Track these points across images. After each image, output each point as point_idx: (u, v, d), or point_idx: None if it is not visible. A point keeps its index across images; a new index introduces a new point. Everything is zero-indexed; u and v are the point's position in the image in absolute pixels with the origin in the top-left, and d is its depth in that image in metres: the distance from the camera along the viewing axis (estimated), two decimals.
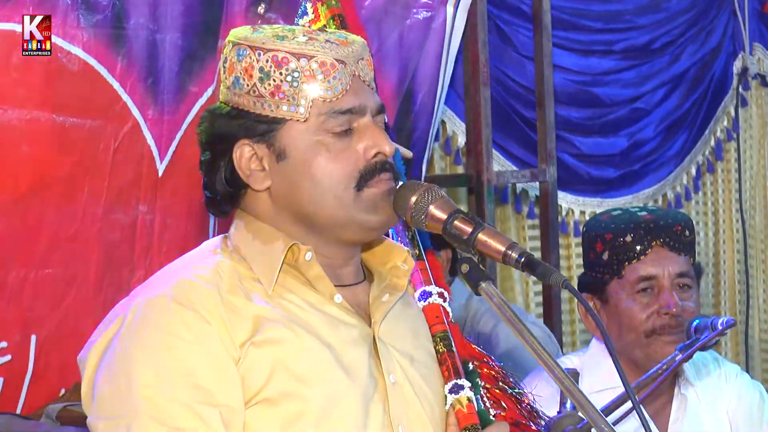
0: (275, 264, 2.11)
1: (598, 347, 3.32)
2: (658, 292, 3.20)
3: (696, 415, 3.30)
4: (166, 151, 3.52)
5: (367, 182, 2.11)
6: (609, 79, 5.23)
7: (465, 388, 2.31)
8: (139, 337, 2.05)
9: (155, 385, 2.01)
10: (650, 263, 3.20)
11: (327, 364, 2.09)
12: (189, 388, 2.01)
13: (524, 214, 5.07)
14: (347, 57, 2.12)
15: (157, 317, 2.05)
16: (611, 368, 3.21)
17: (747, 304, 5.77)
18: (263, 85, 2.10)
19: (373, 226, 2.15)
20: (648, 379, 2.93)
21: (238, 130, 2.12)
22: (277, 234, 2.13)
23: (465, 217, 2.11)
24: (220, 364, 2.03)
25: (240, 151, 2.13)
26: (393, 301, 2.22)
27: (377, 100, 2.16)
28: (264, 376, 2.04)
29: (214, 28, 3.56)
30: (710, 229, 5.73)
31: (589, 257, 3.28)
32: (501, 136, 4.77)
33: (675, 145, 5.47)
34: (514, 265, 2.05)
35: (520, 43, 4.85)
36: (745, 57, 5.65)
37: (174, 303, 2.04)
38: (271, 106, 2.11)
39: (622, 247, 3.20)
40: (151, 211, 3.50)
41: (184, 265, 2.15)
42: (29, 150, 3.24)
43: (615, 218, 3.28)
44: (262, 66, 2.11)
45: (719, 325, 2.91)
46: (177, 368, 2.01)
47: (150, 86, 3.45)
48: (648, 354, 3.17)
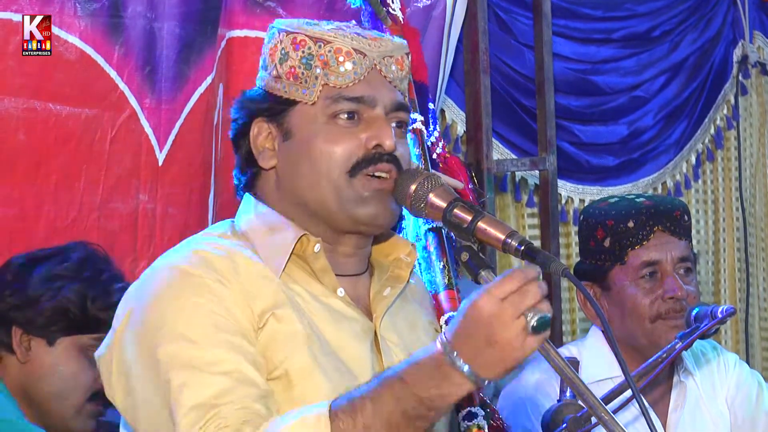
0: (284, 254, 2.13)
1: (597, 336, 3.33)
2: (662, 277, 3.22)
3: (695, 403, 3.31)
4: (165, 140, 3.51)
5: (362, 170, 2.12)
6: (608, 68, 5.22)
7: (479, 417, 2.34)
8: (159, 305, 2.06)
9: (185, 339, 2.01)
10: (653, 248, 3.22)
11: (331, 361, 2.10)
12: (221, 338, 2.01)
13: (524, 203, 5.07)
14: (370, 50, 2.14)
15: (178, 284, 2.06)
16: (610, 358, 3.23)
17: (747, 292, 5.78)
18: (282, 66, 2.16)
19: (361, 219, 2.15)
20: (648, 367, 2.93)
21: (257, 109, 2.18)
22: (287, 222, 2.15)
23: (464, 205, 2.12)
24: (241, 321, 2.04)
25: (258, 127, 2.19)
26: (394, 295, 2.23)
27: (395, 98, 2.17)
28: (278, 354, 2.06)
29: (212, 16, 3.56)
30: (710, 217, 5.72)
31: (588, 245, 3.29)
32: (500, 124, 4.77)
33: (675, 134, 5.47)
34: (514, 253, 2.05)
35: (519, 31, 4.85)
36: (745, 45, 5.64)
37: (192, 268, 2.07)
38: (286, 87, 2.15)
39: (624, 233, 3.21)
40: (152, 201, 3.50)
41: (194, 242, 2.17)
42: (26, 139, 3.25)
43: (614, 205, 3.28)
44: (284, 47, 2.16)
45: (719, 314, 2.92)
46: (205, 323, 2.02)
47: (147, 75, 3.45)
48: (652, 339, 3.19)
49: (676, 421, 3.26)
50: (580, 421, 2.59)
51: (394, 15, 2.92)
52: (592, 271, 3.28)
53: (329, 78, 2.13)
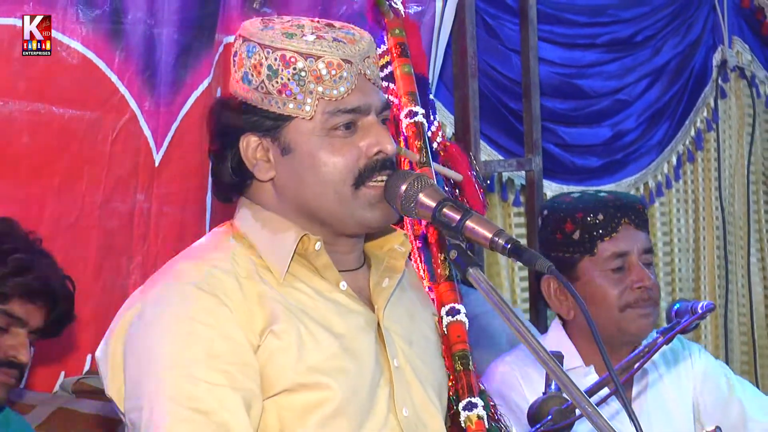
0: (287, 253, 2.16)
1: (558, 330, 3.38)
2: (629, 268, 3.28)
3: (658, 391, 3.37)
4: (162, 141, 3.54)
5: (365, 181, 2.16)
6: (593, 72, 5.25)
7: (478, 407, 2.39)
8: (159, 322, 2.07)
9: (177, 368, 2.03)
10: (621, 240, 3.27)
11: (338, 354, 2.12)
12: (211, 371, 2.03)
13: (510, 203, 5.09)
14: (354, 56, 2.16)
15: (177, 302, 2.07)
16: (573, 350, 3.31)
17: (726, 288, 5.80)
18: (271, 83, 2.15)
19: (370, 224, 2.20)
20: (630, 361, 3.00)
21: (245, 124, 2.18)
22: (288, 224, 2.18)
23: (454, 204, 2.15)
24: (240, 348, 2.06)
25: (246, 141, 2.18)
26: (393, 286, 2.26)
27: (382, 98, 2.21)
28: (282, 369, 2.07)
29: (210, 22, 3.58)
30: (690, 216, 5.75)
31: (555, 237, 3.30)
32: (488, 126, 4.79)
33: (656, 135, 5.50)
34: (501, 251, 2.09)
35: (506, 36, 4.87)
36: (724, 50, 5.67)
37: (194, 288, 2.08)
38: (278, 103, 2.15)
39: (594, 225, 3.26)
40: (148, 200, 3.52)
41: (199, 253, 2.18)
42: (30, 141, 3.27)
43: (580, 199, 3.34)
44: (270, 64, 2.15)
45: (699, 309, 2.97)
46: (199, 351, 2.04)
47: (147, 79, 3.47)
48: (622, 328, 3.24)
49: (639, 408, 3.31)
50: (564, 413, 2.64)
51: (395, 9, 2.95)
52: (558, 263, 3.33)
53: (324, 92, 2.14)
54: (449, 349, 2.44)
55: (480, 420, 2.36)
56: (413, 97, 2.83)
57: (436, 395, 2.30)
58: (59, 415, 3.22)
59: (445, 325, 2.46)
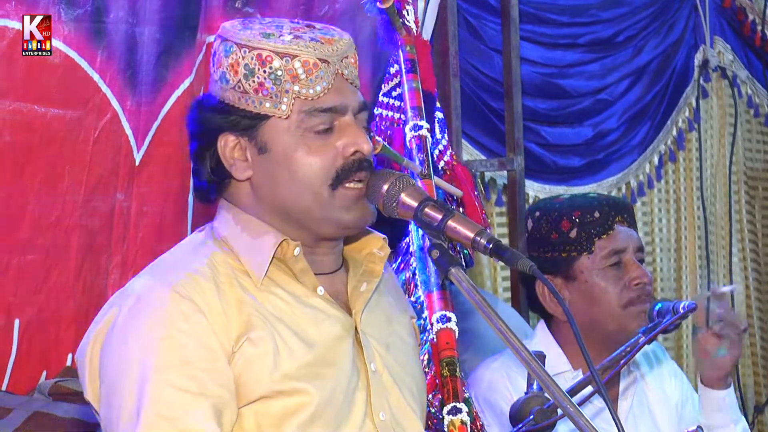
0: (266, 258, 2.15)
1: (544, 333, 3.39)
2: (626, 266, 3.30)
3: (642, 392, 3.40)
4: (143, 140, 3.53)
5: (342, 182, 2.16)
6: (574, 72, 5.25)
7: (462, 412, 2.40)
8: (135, 326, 2.07)
9: (150, 372, 2.03)
10: (617, 238, 3.30)
11: (312, 363, 2.12)
12: (182, 377, 2.03)
13: (492, 202, 5.07)
14: (331, 56, 2.17)
15: (154, 306, 2.08)
16: (558, 352, 3.32)
17: (707, 288, 5.81)
18: (248, 82, 2.15)
19: (347, 225, 2.20)
20: (611, 361, 3.02)
21: (222, 123, 2.18)
22: (266, 227, 2.18)
23: (435, 204, 2.16)
24: (213, 355, 2.06)
25: (224, 140, 2.18)
26: (371, 290, 2.26)
27: (359, 98, 2.21)
28: (259, 376, 2.08)
29: (192, 22, 3.58)
30: (672, 216, 5.76)
31: (550, 238, 3.32)
32: (470, 126, 4.79)
33: (638, 135, 5.51)
34: (483, 250, 2.10)
35: (488, 36, 4.87)
36: (705, 50, 5.68)
37: (171, 293, 2.07)
38: (255, 103, 2.16)
39: (591, 223, 3.28)
40: (128, 199, 3.52)
41: (180, 258, 2.19)
42: (12, 140, 3.26)
43: (573, 199, 3.37)
44: (247, 63, 2.16)
45: (681, 309, 3.00)
46: (172, 356, 2.04)
47: (129, 78, 3.47)
48: (622, 325, 3.26)
49: (626, 409, 3.34)
50: (546, 413, 2.66)
51: (408, 26, 2.98)
52: (553, 263, 3.35)
53: (300, 91, 2.15)
54: (437, 355, 2.46)
55: (463, 425, 2.37)
56: (419, 111, 2.87)
57: (414, 399, 2.30)
58: (36, 420, 3.20)
59: (435, 331, 2.47)
